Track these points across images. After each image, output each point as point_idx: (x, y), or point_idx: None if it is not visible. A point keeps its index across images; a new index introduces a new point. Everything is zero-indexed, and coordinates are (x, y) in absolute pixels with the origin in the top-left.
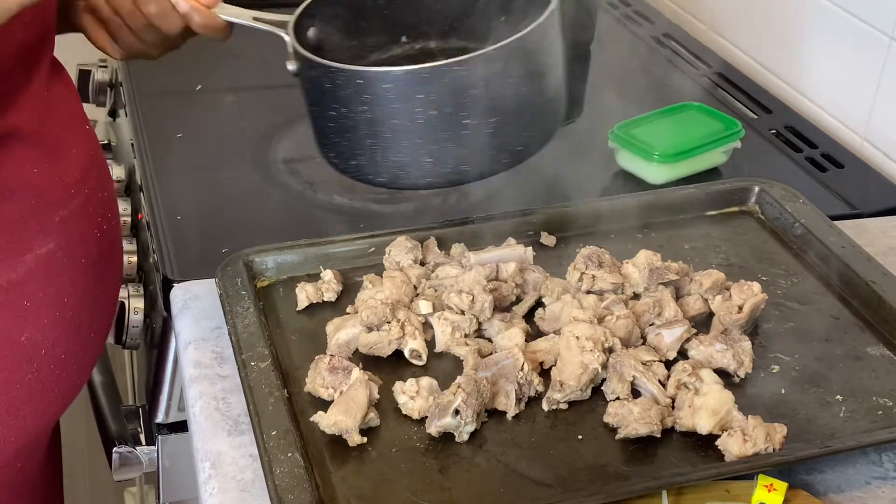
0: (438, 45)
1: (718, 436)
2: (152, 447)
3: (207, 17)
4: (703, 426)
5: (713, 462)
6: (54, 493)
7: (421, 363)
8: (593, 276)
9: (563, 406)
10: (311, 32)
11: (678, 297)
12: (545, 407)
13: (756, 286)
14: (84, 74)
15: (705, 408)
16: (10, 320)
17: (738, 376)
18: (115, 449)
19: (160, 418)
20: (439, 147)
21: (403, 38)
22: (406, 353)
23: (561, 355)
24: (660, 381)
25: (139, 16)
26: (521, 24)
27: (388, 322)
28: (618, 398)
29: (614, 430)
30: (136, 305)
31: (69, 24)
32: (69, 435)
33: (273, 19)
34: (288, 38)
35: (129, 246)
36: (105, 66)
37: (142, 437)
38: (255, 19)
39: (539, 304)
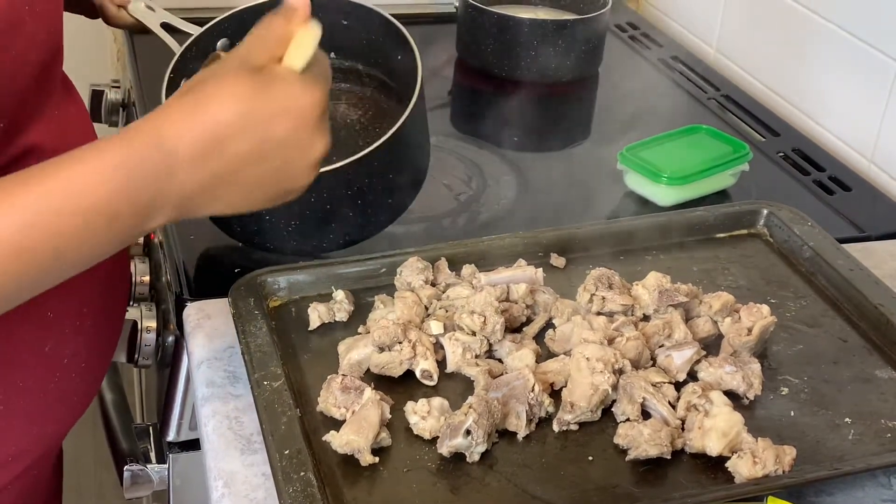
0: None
1: (728, 458)
2: (163, 465)
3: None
4: (713, 448)
5: (723, 484)
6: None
7: (432, 383)
8: (603, 298)
9: (574, 427)
10: (220, 44)
11: (687, 319)
12: (556, 428)
13: (765, 309)
14: (97, 95)
15: (715, 429)
16: (35, 331)
17: (747, 398)
18: (126, 467)
19: (171, 437)
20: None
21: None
22: (417, 374)
23: (571, 376)
24: (670, 402)
25: None
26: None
27: (400, 342)
28: (628, 419)
29: (624, 452)
30: (148, 324)
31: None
32: (77, 451)
33: (183, 28)
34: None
35: (141, 265)
36: (118, 87)
37: (152, 455)
38: (163, 26)
39: (549, 325)
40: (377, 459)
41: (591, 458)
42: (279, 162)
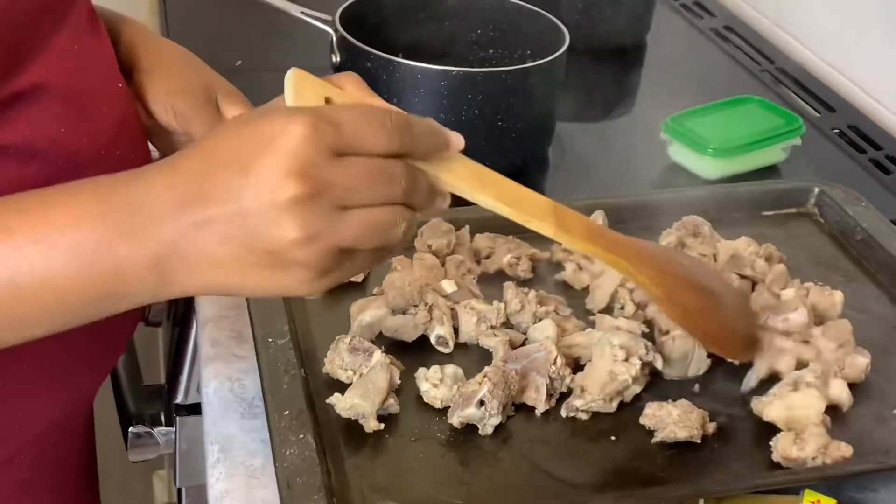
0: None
1: (765, 447)
2: (170, 428)
3: None
4: (773, 415)
5: (756, 473)
6: (89, 474)
7: (447, 350)
8: (684, 244)
9: (583, 416)
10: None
11: None
12: (563, 413)
13: (838, 296)
14: None
15: (790, 405)
16: None
17: None
18: (131, 428)
19: (179, 399)
20: (473, 146)
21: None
22: (432, 340)
23: (592, 360)
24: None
25: None
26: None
27: (416, 305)
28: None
29: (651, 433)
30: None
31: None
32: (102, 414)
33: (319, 16)
34: (334, 32)
35: None
36: None
37: (162, 417)
38: (303, 13)
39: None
40: (382, 426)
41: (613, 437)
42: (234, 204)
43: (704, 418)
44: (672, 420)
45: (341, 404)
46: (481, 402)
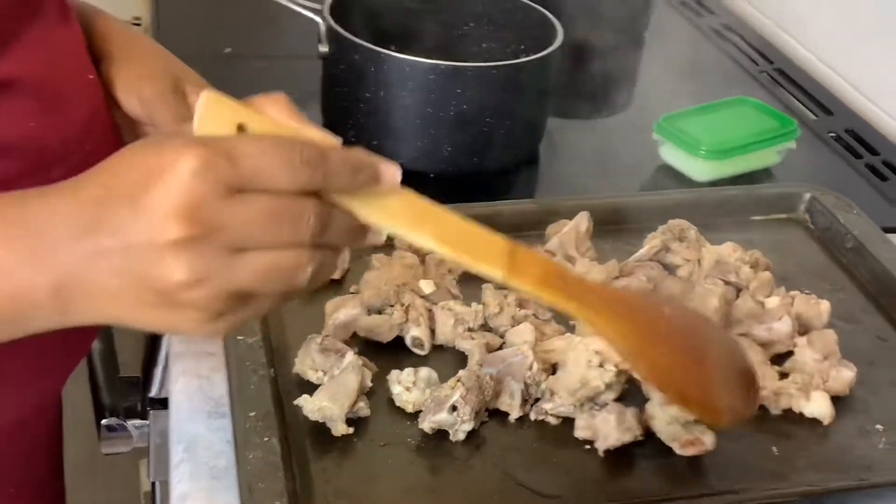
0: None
1: (745, 460)
2: (145, 422)
3: None
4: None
5: (734, 486)
6: (55, 465)
7: (423, 352)
8: (668, 248)
9: (552, 420)
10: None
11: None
12: (532, 416)
13: (825, 305)
14: None
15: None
16: None
17: None
18: (102, 421)
19: (153, 392)
20: (462, 138)
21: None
22: (407, 341)
23: (566, 363)
24: None
25: None
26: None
27: (392, 305)
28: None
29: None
30: None
31: None
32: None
33: (308, 4)
34: (323, 21)
35: None
36: (139, 25)
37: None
38: (291, 1)
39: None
40: (352, 430)
41: (588, 446)
42: (123, 237)
43: (638, 416)
44: (612, 426)
45: (309, 406)
46: (454, 408)
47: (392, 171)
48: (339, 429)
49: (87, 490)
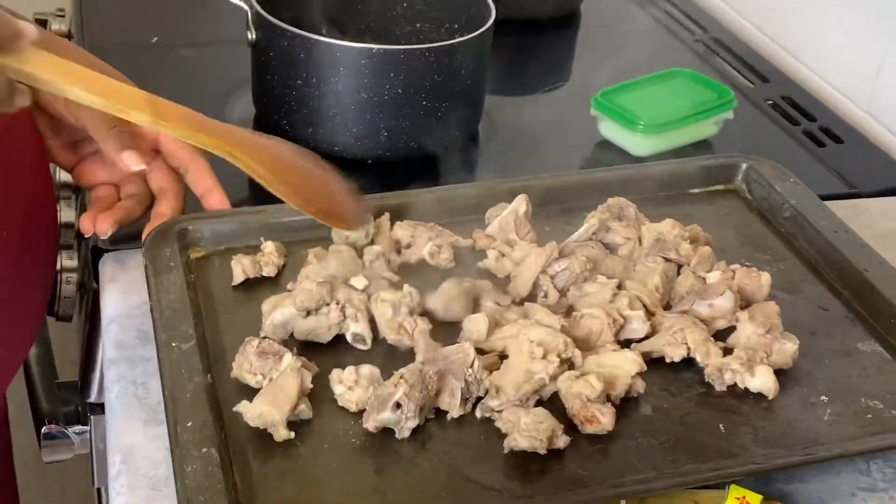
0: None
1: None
2: (85, 427)
3: None
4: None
5: (681, 467)
6: (5, 469)
7: (365, 347)
8: (607, 228)
9: (498, 418)
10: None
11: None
12: (478, 414)
13: (765, 278)
14: (40, 24)
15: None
16: None
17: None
18: (43, 428)
19: (92, 397)
20: (398, 123)
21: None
22: (348, 338)
23: (509, 358)
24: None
25: None
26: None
27: (327, 304)
28: (539, 402)
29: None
30: (68, 274)
31: None
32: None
33: None
34: (249, 8)
35: (67, 208)
36: (63, 16)
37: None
38: None
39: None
40: (293, 435)
41: None
42: None
43: (555, 431)
44: (519, 427)
45: (250, 412)
46: (398, 405)
47: (30, 28)
48: (281, 434)
49: (39, 490)
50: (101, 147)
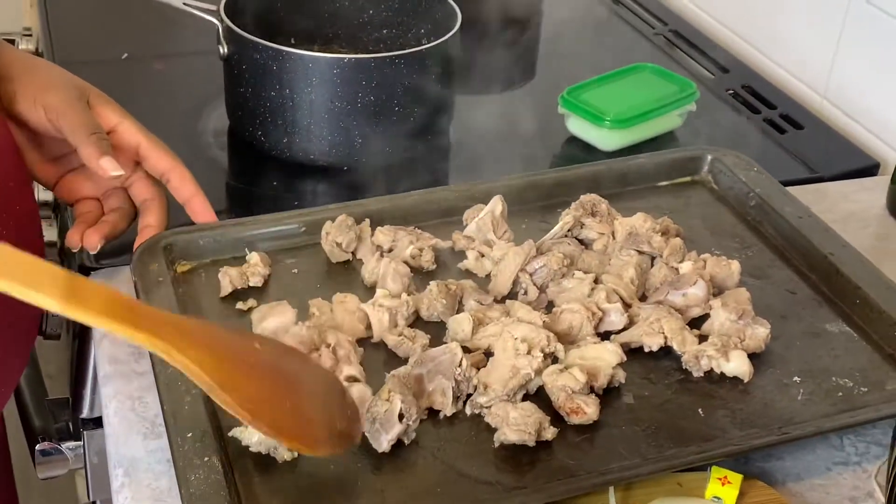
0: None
1: (673, 424)
2: (79, 443)
3: None
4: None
5: (665, 452)
6: (4, 484)
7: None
8: (581, 224)
9: (487, 413)
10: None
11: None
12: (468, 411)
13: (735, 265)
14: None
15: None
16: None
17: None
18: (37, 446)
19: (85, 413)
20: (372, 129)
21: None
22: (341, 378)
23: (495, 355)
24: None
25: None
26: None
27: (318, 349)
28: (526, 396)
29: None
30: None
31: None
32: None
33: (202, 6)
34: (220, 22)
35: (48, 228)
36: (30, 36)
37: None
38: (186, 4)
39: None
40: (296, 455)
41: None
42: None
43: (542, 423)
44: (508, 421)
45: (248, 439)
46: (401, 416)
47: None
48: (283, 456)
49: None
50: (80, 153)
